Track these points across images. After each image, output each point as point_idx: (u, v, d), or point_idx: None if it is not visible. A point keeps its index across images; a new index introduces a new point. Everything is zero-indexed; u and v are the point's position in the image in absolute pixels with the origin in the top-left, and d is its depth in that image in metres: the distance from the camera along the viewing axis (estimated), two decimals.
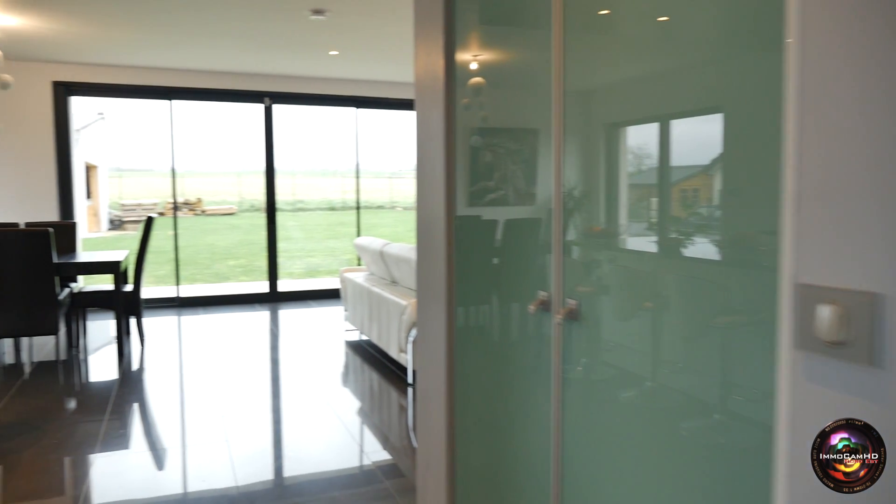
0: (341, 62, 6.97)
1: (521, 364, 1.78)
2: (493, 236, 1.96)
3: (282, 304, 7.95)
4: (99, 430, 3.89)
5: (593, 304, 1.46)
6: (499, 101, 1.91)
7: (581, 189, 1.51)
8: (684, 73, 1.25)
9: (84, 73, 7.11)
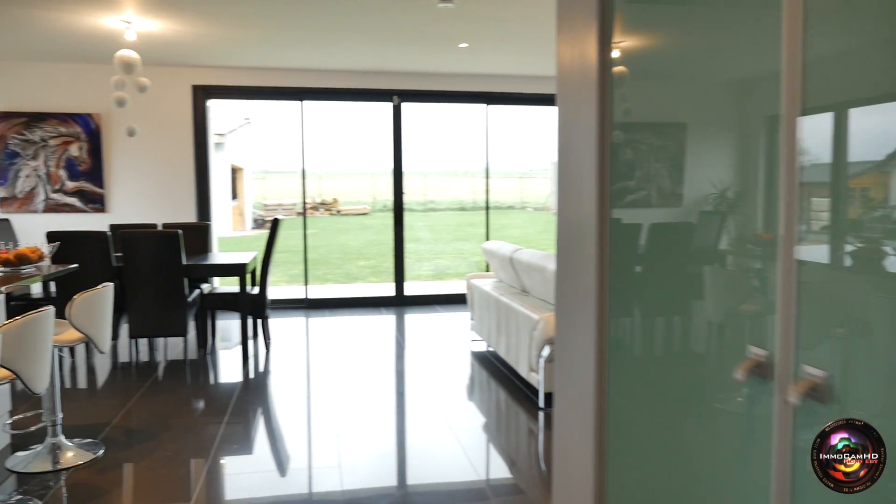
0: (471, 55, 6.59)
1: (715, 436, 1.28)
2: (672, 249, 1.50)
3: (408, 308, 7.72)
4: (217, 433, 3.77)
5: (855, 376, 0.93)
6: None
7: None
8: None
9: (221, 77, 7.23)
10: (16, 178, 6.96)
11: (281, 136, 30.45)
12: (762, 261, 1.19)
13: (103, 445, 3.55)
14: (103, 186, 7.11)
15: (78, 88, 6.97)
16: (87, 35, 5.64)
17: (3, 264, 3.38)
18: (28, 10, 4.92)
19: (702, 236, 1.48)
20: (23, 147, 6.95)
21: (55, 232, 4.98)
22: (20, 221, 6.86)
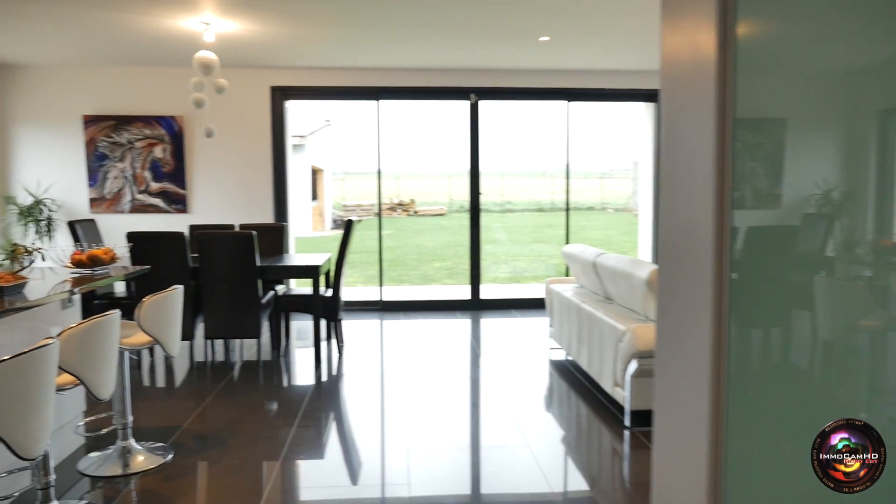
0: (552, 50, 6.29)
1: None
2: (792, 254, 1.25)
3: (483, 312, 7.48)
4: (286, 438, 3.68)
5: None
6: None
7: None
8: None
9: (298, 77, 7.22)
10: (104, 179, 7.17)
11: (360, 138, 30.83)
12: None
13: (172, 450, 3.50)
14: (185, 187, 7.23)
15: (162, 91, 7.11)
16: (168, 38, 5.71)
17: (76, 265, 3.37)
18: (112, 14, 5.00)
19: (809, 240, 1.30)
20: (111, 149, 7.15)
21: (134, 232, 5.03)
22: (107, 221, 7.06)
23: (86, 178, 7.14)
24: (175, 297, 3.33)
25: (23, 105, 7.06)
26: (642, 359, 3.59)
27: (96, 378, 2.58)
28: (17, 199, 7.00)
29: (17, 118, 7.06)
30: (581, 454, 3.66)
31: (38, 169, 7.10)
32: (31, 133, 7.10)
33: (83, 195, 7.15)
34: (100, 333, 2.59)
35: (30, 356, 1.98)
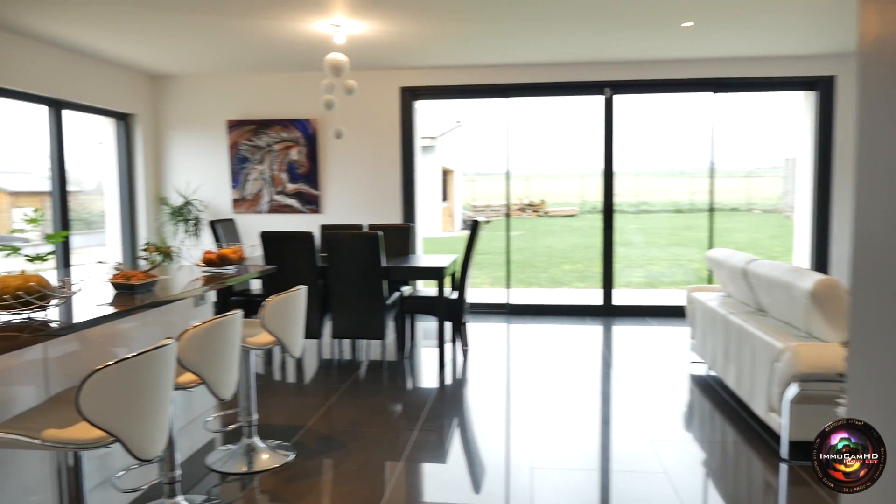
0: (696, 36, 5.79)
1: None
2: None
3: (616, 319, 7.07)
4: (408, 443, 3.61)
5: None
6: None
7: None
8: None
9: (427, 77, 7.17)
10: (245, 181, 7.50)
11: (491, 138, 30.80)
12: None
13: (295, 450, 3.49)
14: (318, 188, 7.41)
15: (297, 95, 7.33)
16: (301, 42, 5.83)
17: (207, 264, 3.44)
18: (251, 21, 5.16)
19: None
20: (251, 152, 7.47)
21: (267, 232, 5.16)
22: (246, 221, 7.39)
23: (229, 180, 7.51)
24: (298, 298, 3.31)
25: (175, 112, 7.54)
26: (805, 382, 3.12)
27: (217, 377, 2.57)
28: (170, 199, 7.49)
29: (170, 124, 7.56)
30: (727, 486, 3.25)
31: (188, 172, 7.55)
32: (183, 138, 7.57)
33: (226, 196, 7.52)
34: (221, 333, 2.58)
35: (146, 356, 1.97)
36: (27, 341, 1.93)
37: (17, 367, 2.35)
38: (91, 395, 1.84)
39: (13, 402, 2.31)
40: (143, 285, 2.69)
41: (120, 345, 2.98)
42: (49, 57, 5.97)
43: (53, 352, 2.51)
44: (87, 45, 6.02)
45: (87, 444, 1.88)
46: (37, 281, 2.08)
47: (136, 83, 7.24)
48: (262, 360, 5.42)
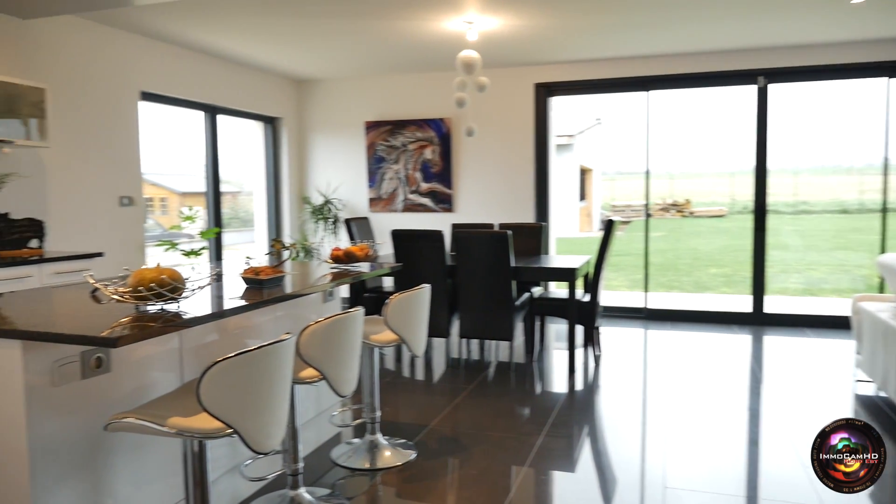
0: (868, 13, 5.15)
1: None
2: None
3: (768, 329, 6.48)
4: (532, 449, 3.47)
5: None
6: None
7: None
8: None
9: (562, 72, 6.96)
10: (381, 180, 7.68)
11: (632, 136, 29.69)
12: None
13: (417, 449, 3.46)
14: (451, 187, 7.43)
15: (431, 95, 7.39)
16: (434, 42, 5.85)
17: (335, 261, 3.50)
18: (386, 22, 5.24)
19: None
20: (387, 152, 7.63)
21: (398, 230, 5.21)
22: (380, 220, 7.56)
23: (366, 179, 7.72)
24: (422, 296, 3.28)
25: (318, 115, 7.87)
26: None
27: (337, 373, 2.58)
28: (311, 199, 7.83)
29: (313, 127, 7.90)
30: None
31: (328, 172, 7.86)
32: (324, 139, 7.88)
33: (363, 195, 7.74)
34: (342, 330, 2.58)
35: (264, 351, 1.99)
36: (157, 331, 2.02)
37: (156, 356, 2.49)
38: (210, 386, 1.88)
39: (151, 388, 2.44)
40: (270, 280, 2.76)
41: (252, 337, 3.09)
42: (206, 66, 6.42)
43: (188, 342, 2.64)
44: (241, 54, 6.42)
45: (207, 434, 1.93)
46: (169, 274, 2.18)
47: (283, 88, 7.64)
48: (393, 357, 5.49)
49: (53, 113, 4.68)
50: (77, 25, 5.06)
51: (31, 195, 4.76)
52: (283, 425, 2.13)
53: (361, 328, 2.76)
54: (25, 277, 4.04)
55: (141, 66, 5.68)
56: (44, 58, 4.83)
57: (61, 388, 2.08)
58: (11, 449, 1.99)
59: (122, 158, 5.54)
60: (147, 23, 5.28)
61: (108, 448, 2.24)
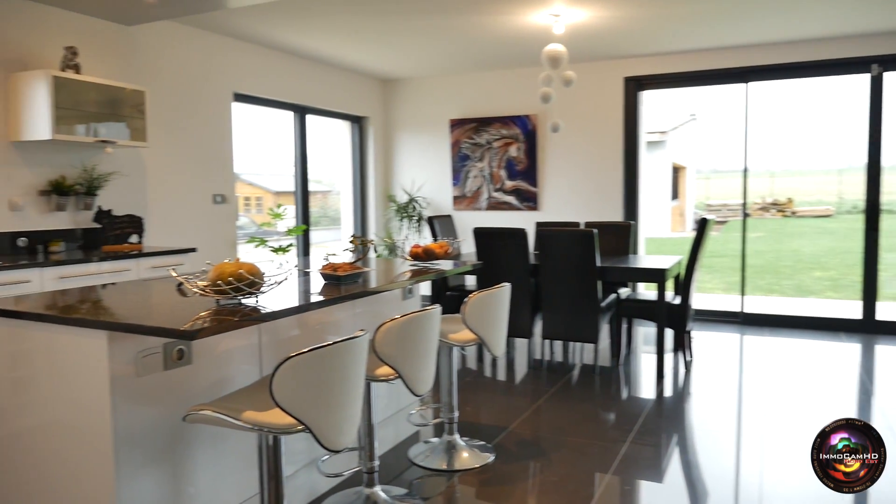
0: None
1: None
2: None
3: (880, 338, 5.98)
4: (615, 458, 3.31)
5: None
6: None
7: None
8: None
9: (653, 65, 6.68)
10: (465, 178, 7.64)
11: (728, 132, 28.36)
12: None
13: (495, 452, 3.38)
14: (536, 185, 7.29)
15: (516, 92, 7.27)
16: (519, 36, 5.74)
17: (414, 258, 3.47)
18: (471, 18, 5.18)
19: None
20: (472, 150, 7.58)
21: (480, 228, 5.14)
22: (465, 218, 7.51)
23: (450, 177, 7.70)
24: (501, 296, 3.19)
25: (403, 113, 7.92)
26: None
27: (412, 372, 2.54)
28: (396, 197, 7.88)
29: (398, 125, 7.96)
30: None
31: (413, 170, 7.89)
32: (409, 138, 7.92)
33: (447, 194, 7.72)
34: (418, 328, 2.54)
35: (337, 347, 1.96)
36: (233, 325, 2.04)
37: (236, 349, 2.52)
38: (283, 382, 1.87)
39: (231, 381, 2.48)
40: (348, 276, 2.76)
41: (331, 333, 3.10)
42: (295, 67, 6.58)
43: (268, 336, 2.66)
44: (329, 54, 6.53)
45: (280, 430, 1.93)
46: (248, 269, 2.19)
47: (370, 87, 7.73)
48: (474, 357, 5.43)
49: (152, 114, 4.90)
50: (174, 30, 5.29)
51: (132, 193, 5.01)
52: (356, 423, 2.10)
53: (438, 326, 2.71)
54: (124, 271, 4.24)
55: (234, 68, 5.87)
56: (144, 62, 5.07)
57: (144, 379, 2.13)
58: (97, 435, 2.06)
59: (216, 158, 5.75)
60: (240, 26, 5.45)
61: (188, 438, 2.29)
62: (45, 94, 4.09)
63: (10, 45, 4.24)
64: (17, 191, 4.32)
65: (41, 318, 2.14)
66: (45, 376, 2.18)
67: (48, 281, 3.82)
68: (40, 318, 2.14)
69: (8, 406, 2.25)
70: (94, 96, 4.39)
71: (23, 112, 4.19)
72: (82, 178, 4.62)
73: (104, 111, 4.46)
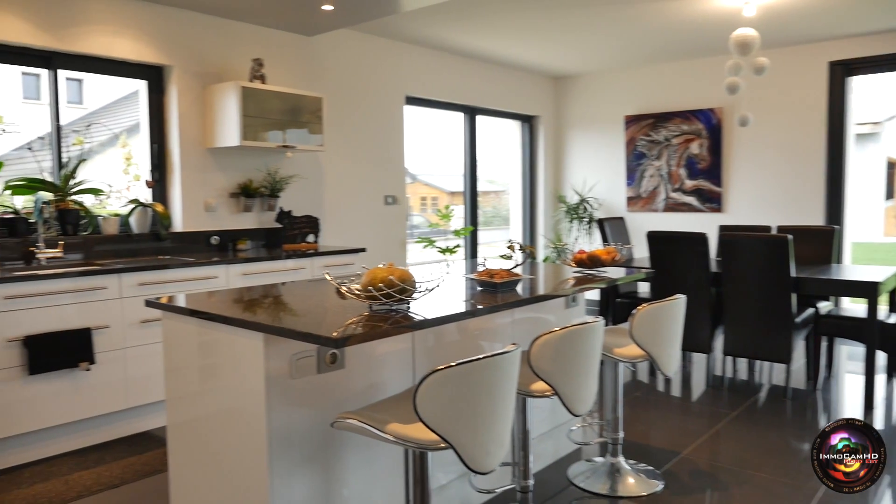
0: None
1: None
2: None
3: None
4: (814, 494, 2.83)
5: None
6: None
7: None
8: None
9: (865, 46, 5.81)
10: (641, 178, 7.20)
11: None
12: None
13: (663, 480, 3.08)
14: (720, 184, 6.68)
15: (699, 84, 6.72)
16: (704, 22, 5.25)
17: (578, 264, 3.25)
18: (649, 5, 4.83)
19: None
20: (648, 148, 7.12)
21: (654, 232, 4.78)
22: (638, 220, 7.08)
23: (624, 177, 7.30)
24: (674, 309, 2.88)
25: (575, 111, 7.65)
26: None
27: (571, 391, 2.35)
28: (566, 198, 7.63)
29: (570, 124, 7.70)
30: None
31: (585, 170, 7.59)
32: (581, 136, 7.63)
33: (621, 194, 7.33)
34: (577, 342, 2.34)
35: (484, 363, 1.84)
36: (381, 332, 1.98)
37: (390, 354, 2.49)
38: (427, 396, 1.78)
39: (384, 386, 2.45)
40: (504, 284, 2.62)
41: (489, 340, 2.99)
42: (465, 67, 6.58)
43: (422, 341, 2.61)
44: (499, 54, 6.46)
45: (423, 445, 1.84)
46: (399, 275, 2.14)
47: (541, 86, 7.55)
48: (646, 370, 5.06)
49: (328, 119, 5.12)
50: (349, 37, 5.49)
51: (310, 194, 5.28)
52: (505, 444, 1.96)
53: (601, 341, 2.49)
54: (300, 269, 4.46)
55: (405, 71, 5.99)
56: (321, 70, 5.31)
57: (298, 381, 2.15)
58: (253, 435, 2.11)
59: (388, 160, 5.90)
60: (411, 29, 5.54)
61: (340, 441, 2.29)
62: (235, 103, 4.41)
63: (208, 60, 4.63)
64: (212, 193, 4.70)
65: (210, 318, 2.24)
66: (220, 368, 2.28)
67: (233, 277, 4.11)
68: (210, 318, 2.24)
69: (197, 392, 2.39)
70: (277, 104, 4.66)
71: (216, 121, 4.55)
72: (266, 181, 4.94)
73: (286, 118, 4.72)
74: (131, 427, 3.71)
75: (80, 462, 3.38)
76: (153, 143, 4.55)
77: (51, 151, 4.16)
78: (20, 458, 3.35)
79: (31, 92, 5.89)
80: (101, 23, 4.12)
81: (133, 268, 3.68)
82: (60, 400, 3.41)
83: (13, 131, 3.93)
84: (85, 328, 3.46)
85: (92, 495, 3.02)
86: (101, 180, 4.37)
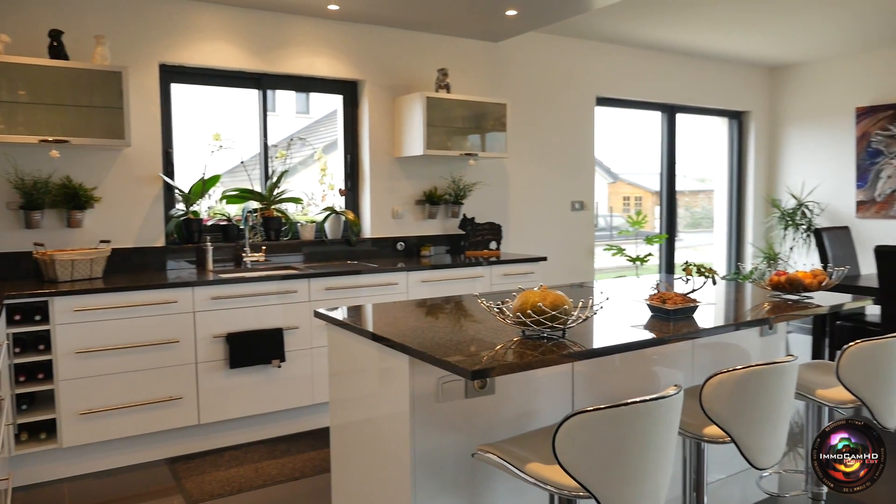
0: None
1: None
2: None
3: None
4: None
5: None
6: None
7: None
8: None
9: None
10: (875, 179, 6.22)
11: None
12: None
13: None
14: None
15: None
16: None
17: (773, 287, 2.83)
18: None
19: None
20: (886, 144, 6.12)
21: (884, 247, 4.06)
22: (871, 229, 6.10)
23: (853, 178, 6.36)
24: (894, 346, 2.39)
25: (793, 105, 6.82)
26: None
27: (752, 440, 2.03)
28: (780, 202, 6.83)
29: (787, 119, 6.88)
30: None
31: (804, 170, 6.74)
32: (800, 133, 6.79)
33: (849, 198, 6.39)
34: (762, 385, 2.02)
35: (635, 409, 1.63)
36: (528, 363, 1.86)
37: (545, 381, 2.35)
38: (566, 439, 1.63)
39: (536, 416, 2.31)
40: (678, 311, 2.35)
41: (663, 365, 2.72)
42: (662, 63, 6.15)
43: (583, 367, 2.43)
44: (701, 46, 5.95)
45: (563, 491, 1.69)
46: (550, 301, 1.99)
47: (752, 78, 6.83)
48: None
49: (512, 125, 5.06)
50: (534, 40, 5.36)
51: (493, 201, 5.26)
52: (661, 498, 1.74)
53: (793, 384, 2.13)
54: (478, 277, 4.45)
55: (596, 71, 5.74)
56: (505, 75, 5.26)
57: (444, 405, 2.10)
58: (399, 454, 2.10)
59: (576, 165, 5.69)
60: (602, 27, 5.28)
61: (488, 469, 2.20)
62: (420, 113, 4.52)
63: (397, 72, 4.80)
64: (398, 200, 4.87)
65: (361, 332, 2.28)
66: (371, 382, 2.32)
67: (412, 284, 4.21)
68: (360, 332, 2.29)
69: (354, 398, 2.46)
70: (461, 112, 4.70)
71: (403, 131, 4.70)
72: (451, 188, 5.01)
73: (469, 126, 4.74)
74: (316, 422, 3.96)
75: (270, 451, 3.67)
76: (346, 154, 4.83)
77: (258, 165, 4.58)
78: (222, 441, 3.72)
79: (245, 111, 6.58)
80: (301, 44, 4.45)
81: (319, 273, 3.92)
82: (255, 392, 3.74)
83: (229, 147, 4.38)
84: (277, 328, 3.75)
85: (276, 484, 3.26)
86: (300, 190, 4.74)
